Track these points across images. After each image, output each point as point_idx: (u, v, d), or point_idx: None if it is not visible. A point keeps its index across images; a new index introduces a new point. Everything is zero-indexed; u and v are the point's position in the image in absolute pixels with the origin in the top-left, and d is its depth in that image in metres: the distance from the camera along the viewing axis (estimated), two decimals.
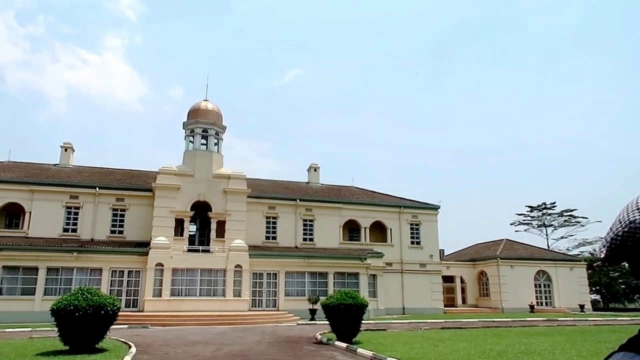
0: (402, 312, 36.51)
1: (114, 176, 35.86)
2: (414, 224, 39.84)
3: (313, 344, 16.62)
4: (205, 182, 32.58)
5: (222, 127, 34.74)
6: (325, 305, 17.18)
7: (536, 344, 15.71)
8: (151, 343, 16.49)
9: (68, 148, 37.15)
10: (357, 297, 16.83)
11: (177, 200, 31.63)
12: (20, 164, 35.65)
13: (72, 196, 32.36)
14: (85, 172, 36.04)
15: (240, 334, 20.22)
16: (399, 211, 39.54)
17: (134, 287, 29.28)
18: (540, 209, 63.95)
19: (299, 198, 37.01)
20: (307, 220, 36.94)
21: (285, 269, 31.93)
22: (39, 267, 27.75)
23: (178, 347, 15.37)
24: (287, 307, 30.79)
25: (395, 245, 38.64)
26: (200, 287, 29.89)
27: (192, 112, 34.68)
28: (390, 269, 37.02)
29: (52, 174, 34.17)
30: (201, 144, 33.88)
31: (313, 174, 42.37)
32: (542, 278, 42.58)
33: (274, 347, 15.75)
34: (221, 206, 32.42)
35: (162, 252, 29.60)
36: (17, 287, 27.44)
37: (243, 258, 30.86)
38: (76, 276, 28.25)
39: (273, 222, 36.03)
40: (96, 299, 13.68)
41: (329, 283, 32.34)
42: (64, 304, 13.34)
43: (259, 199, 35.44)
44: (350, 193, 41.15)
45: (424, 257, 39.19)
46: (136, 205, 33.30)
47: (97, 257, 28.87)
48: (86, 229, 32.17)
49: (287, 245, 35.48)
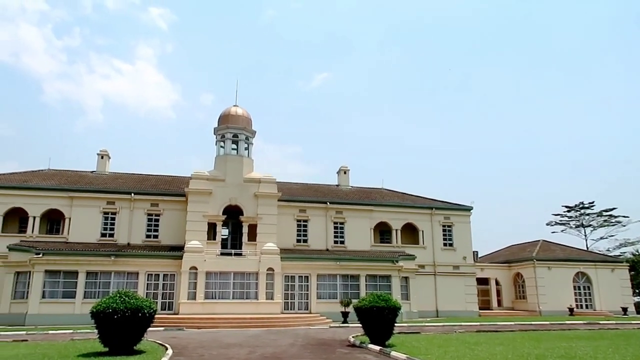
0: (435, 315, 36.00)
1: (148, 182, 36.73)
2: (446, 226, 39.28)
3: (346, 347, 16.57)
4: (237, 187, 32.98)
5: (251, 131, 35.12)
6: (357, 308, 17.10)
7: (577, 348, 15.22)
8: (187, 345, 16.78)
9: (104, 155, 38.27)
10: (390, 300, 16.68)
11: (209, 205, 32.12)
12: (60, 172, 36.92)
13: (109, 202, 33.30)
14: (121, 178, 37.05)
15: (274, 336, 20.35)
16: (430, 213, 39.06)
17: (169, 290, 29.88)
18: (578, 208, 62.06)
19: (329, 201, 37.01)
20: (338, 223, 36.91)
21: (317, 272, 31.98)
22: (78, 271, 28.65)
23: (213, 349, 15.59)
24: (319, 310, 30.83)
25: (427, 248, 38.18)
26: (234, 290, 30.24)
27: (223, 118, 35.20)
28: (422, 272, 36.58)
29: (90, 181, 35.27)
30: (232, 149, 34.34)
31: (343, 177, 42.33)
32: (581, 280, 41.26)
33: (307, 349, 15.77)
34: (252, 210, 32.75)
35: (196, 255, 30.10)
36: (58, 290, 28.39)
37: (275, 261, 31.07)
38: (114, 280, 29.04)
39: (304, 225, 36.16)
40: (133, 302, 14.01)
41: (360, 286, 32.21)
42: (103, 307, 13.72)
43: (290, 202, 35.63)
44: (380, 195, 40.91)
45: (457, 259, 38.57)
46: (170, 210, 33.99)
47: (134, 261, 29.60)
48: (123, 233, 33.04)
49: (318, 248, 35.53)
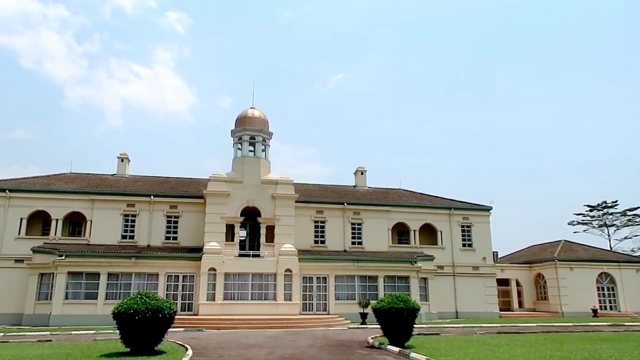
0: (455, 316, 35.66)
1: (167, 184, 37.14)
2: (465, 226, 38.89)
3: (365, 348, 16.51)
4: (254, 188, 33.15)
5: (268, 133, 35.28)
6: (376, 309, 17.02)
7: (601, 351, 14.90)
8: (206, 346, 16.91)
9: (124, 158, 38.84)
10: (409, 301, 16.56)
11: (227, 206, 32.35)
12: (81, 175, 37.60)
13: (129, 204, 33.77)
14: (140, 181, 37.55)
15: (292, 337, 20.38)
16: (449, 213, 38.72)
17: (189, 291, 30.17)
18: (601, 208, 60.86)
19: (347, 202, 36.96)
20: (355, 224, 36.83)
21: (335, 273, 31.95)
22: (100, 273, 29.11)
23: (232, 350, 15.68)
24: (337, 311, 30.80)
25: (446, 248, 37.86)
26: (252, 291, 30.39)
27: (239, 120, 35.43)
28: (441, 272, 36.28)
29: (110, 184, 35.84)
30: (249, 151, 34.54)
31: (360, 177, 42.23)
32: (605, 281, 40.43)
33: (326, 350, 15.76)
34: (270, 211, 32.88)
35: (215, 257, 30.33)
36: (81, 291, 28.88)
37: (293, 262, 31.14)
38: (134, 281, 29.44)
39: (321, 226, 36.18)
40: (154, 302, 14.17)
41: (379, 286, 32.08)
42: (124, 308, 13.90)
43: (307, 203, 35.68)
44: (398, 195, 40.70)
45: (477, 259, 38.15)
46: (189, 211, 34.33)
47: (154, 262, 29.97)
48: (143, 235, 33.47)
49: (335, 249, 35.50)
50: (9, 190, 32.40)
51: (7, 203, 32.20)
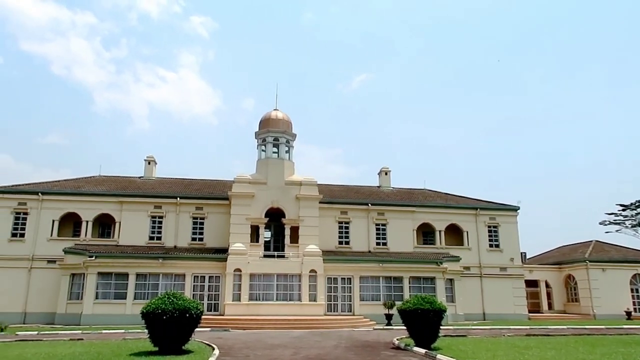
0: (482, 318, 35.11)
1: (193, 186, 37.67)
2: (491, 226, 38.27)
3: (391, 349, 16.40)
4: (278, 189, 33.33)
5: (292, 135, 35.43)
6: (401, 310, 16.90)
7: (636, 354, 14.45)
8: (232, 345, 17.06)
9: (151, 161, 39.56)
10: (435, 302, 16.39)
11: (251, 208, 32.60)
12: (110, 178, 38.45)
13: (156, 206, 34.38)
14: (167, 183, 38.17)
15: (318, 338, 20.39)
16: (475, 213, 38.16)
17: (215, 291, 30.51)
18: (634, 207, 58.96)
19: (371, 202, 36.81)
20: (380, 225, 36.64)
21: (360, 274, 31.85)
22: (129, 273, 29.70)
23: (258, 350, 15.78)
24: (362, 312, 30.69)
25: (472, 249, 37.31)
26: (277, 291, 30.54)
27: (263, 122, 35.68)
28: (468, 273, 35.79)
29: (138, 186, 36.54)
30: (273, 152, 34.74)
31: (384, 178, 42.01)
32: (639, 282, 39.19)
33: (351, 351, 15.71)
34: (294, 212, 32.99)
35: (240, 258, 30.59)
36: (110, 291, 29.52)
37: (317, 263, 31.17)
38: (162, 281, 29.94)
39: (345, 227, 36.12)
40: (181, 302, 14.39)
41: (404, 288, 31.83)
42: (152, 308, 14.15)
43: (331, 204, 35.68)
44: (422, 196, 40.32)
45: (504, 260, 37.49)
46: (214, 213, 34.74)
47: (180, 263, 30.42)
48: (169, 236, 34.01)
49: (360, 250, 35.38)
50: (42, 193, 33.36)
51: (40, 205, 33.16)
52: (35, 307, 31.01)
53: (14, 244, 32.27)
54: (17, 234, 32.59)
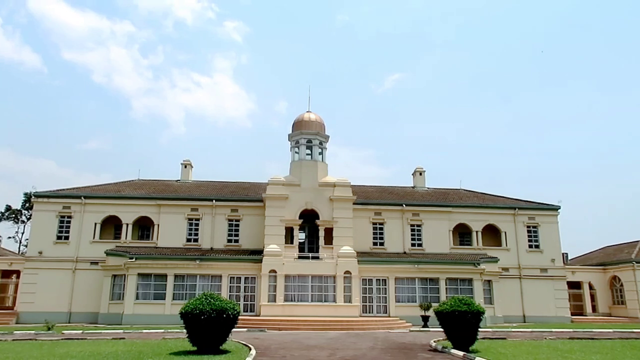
0: (522, 321, 34.17)
1: (228, 189, 38.23)
2: (531, 226, 37.19)
3: (428, 352, 16.17)
4: (312, 191, 33.43)
5: (325, 136, 35.47)
6: (438, 312, 16.65)
7: None
8: (269, 346, 17.20)
9: (187, 165, 40.41)
10: (472, 304, 16.06)
11: (286, 209, 32.82)
12: (148, 182, 39.48)
13: (193, 209, 35.06)
14: (203, 186, 38.89)
15: (353, 339, 20.31)
16: (513, 213, 37.19)
17: (250, 292, 30.86)
18: None
19: (405, 203, 36.43)
20: (415, 225, 36.21)
21: (395, 275, 31.56)
22: (167, 274, 30.40)
23: (294, 351, 15.85)
24: (398, 314, 30.39)
25: (511, 250, 36.37)
26: (312, 292, 30.62)
27: (296, 124, 35.88)
28: (506, 275, 34.92)
29: (175, 189, 37.38)
30: (306, 154, 34.87)
31: (418, 178, 41.51)
32: None
33: (387, 353, 15.58)
34: (328, 214, 33.02)
35: (275, 259, 30.83)
36: (150, 292, 30.29)
37: (352, 264, 31.08)
38: (199, 282, 30.50)
39: (380, 228, 35.87)
40: (218, 303, 14.60)
41: (440, 289, 31.36)
42: (190, 308, 14.41)
43: (365, 205, 35.52)
44: (458, 196, 39.62)
45: (545, 261, 36.37)
46: (249, 215, 35.15)
47: (217, 264, 30.92)
48: (206, 238, 34.62)
49: (395, 251, 35.06)
50: (84, 197, 34.57)
51: (83, 209, 34.37)
52: (80, 307, 32.14)
53: (59, 246, 33.55)
54: (61, 236, 33.87)
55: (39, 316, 29.80)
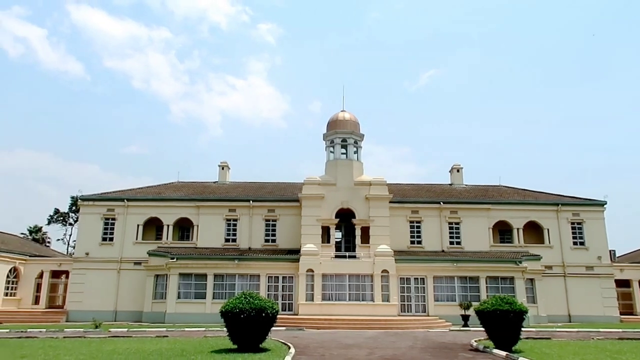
0: (567, 320, 33.06)
1: (264, 189, 38.67)
2: (575, 223, 35.90)
3: (468, 351, 15.87)
4: (348, 190, 33.40)
5: (359, 135, 35.36)
6: (479, 311, 16.30)
7: None
8: (307, 345, 17.29)
9: (224, 166, 41.12)
10: (515, 303, 15.65)
11: (322, 209, 32.91)
12: (187, 184, 40.40)
13: (231, 209, 35.64)
14: (240, 187, 39.47)
15: (392, 338, 20.17)
16: (556, 209, 35.99)
17: (288, 291, 31.12)
18: None
19: (443, 201, 35.87)
20: (453, 223, 35.60)
21: (433, 274, 31.15)
22: (207, 274, 31.03)
23: (333, 350, 15.88)
24: (437, 313, 29.98)
25: (554, 247, 35.23)
26: (349, 291, 30.60)
27: (331, 124, 35.91)
28: (550, 273, 33.86)
29: (213, 191, 38.09)
30: (341, 153, 34.85)
31: (456, 175, 40.78)
32: None
33: (427, 352, 15.39)
34: (364, 212, 32.90)
35: (312, 258, 30.97)
36: (191, 291, 31.01)
37: (389, 263, 30.87)
38: (238, 282, 30.99)
39: (417, 227, 35.45)
40: (257, 302, 14.78)
41: (480, 288, 30.75)
42: (230, 307, 14.64)
43: (402, 203, 35.20)
44: (498, 192, 38.70)
45: (590, 259, 35.05)
46: (285, 215, 35.42)
47: (255, 264, 31.34)
48: (244, 238, 35.12)
49: (433, 250, 34.59)
50: (127, 200, 35.72)
51: (126, 211, 35.51)
52: (125, 305, 33.24)
53: (105, 247, 34.79)
54: (106, 238, 35.10)
55: (87, 315, 31.00)
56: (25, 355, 13.49)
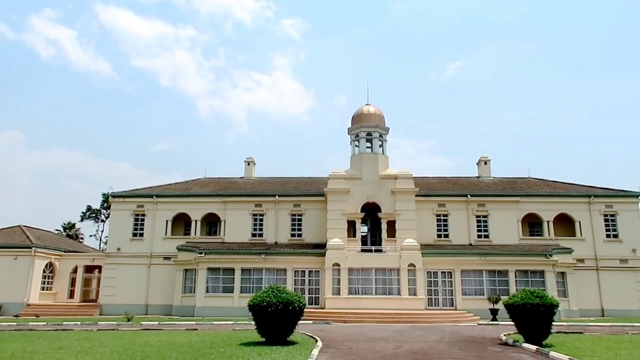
0: (600, 315, 32.24)
1: (290, 184, 38.85)
2: (608, 215, 34.89)
3: (497, 345, 15.69)
4: (373, 184, 33.28)
5: (385, 128, 35.14)
6: (508, 305, 16.07)
7: None
8: (334, 338, 17.38)
9: (250, 162, 41.48)
10: (545, 297, 15.38)
11: (347, 203, 32.90)
12: (214, 180, 40.92)
13: (257, 204, 35.97)
14: (266, 182, 39.77)
15: (419, 332, 20.09)
16: (588, 201, 35.06)
17: (315, 285, 31.27)
18: None
19: (470, 193, 35.37)
20: (481, 216, 35.08)
21: (461, 268, 30.82)
22: (235, 268, 31.45)
23: (360, 343, 15.92)
24: (465, 307, 29.67)
25: (586, 240, 34.34)
26: (376, 285, 30.54)
27: (355, 118, 35.78)
28: (582, 266, 33.06)
29: (239, 186, 38.50)
30: (366, 147, 34.70)
31: (483, 167, 40.13)
32: None
33: (455, 346, 15.28)
34: (390, 206, 32.74)
35: (338, 252, 31.02)
36: (219, 285, 31.50)
37: (416, 257, 30.67)
38: (265, 276, 31.30)
39: (444, 220, 35.08)
40: (284, 296, 14.96)
41: (510, 282, 30.26)
42: (258, 301, 14.86)
43: (428, 197, 34.86)
44: (527, 185, 37.92)
45: (625, 252, 34.05)
46: (311, 209, 35.53)
47: (281, 258, 31.58)
48: (270, 233, 35.42)
49: (460, 243, 34.17)
50: (156, 196, 36.42)
51: (155, 207, 36.23)
52: (155, 299, 33.99)
53: (135, 242, 35.60)
54: (137, 233, 35.91)
55: (119, 308, 31.84)
56: (62, 347, 13.98)
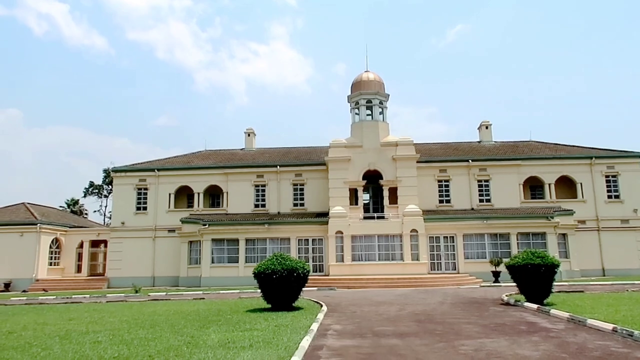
0: (601, 274, 32.68)
1: (291, 154, 38.82)
2: (610, 176, 34.93)
3: (499, 305, 15.97)
4: (374, 151, 33.23)
5: (385, 95, 34.84)
6: (510, 266, 16.26)
7: None
8: (339, 303, 17.69)
9: (250, 133, 41.34)
10: (547, 257, 15.54)
11: (349, 171, 32.94)
12: (215, 152, 40.89)
13: (259, 175, 36.05)
14: (267, 153, 39.73)
15: (422, 295, 20.42)
16: (590, 163, 35.03)
17: (319, 253, 31.64)
18: None
19: (471, 158, 35.34)
20: (482, 181, 35.14)
21: (463, 232, 31.08)
22: (239, 239, 31.78)
23: (364, 307, 16.21)
24: (467, 270, 30.08)
25: (587, 201, 34.48)
26: (379, 252, 30.88)
27: (355, 85, 35.44)
28: (583, 227, 33.29)
29: (240, 158, 38.50)
30: (366, 115, 34.49)
31: (485, 132, 39.96)
32: None
33: (457, 307, 15.56)
34: (391, 173, 32.78)
35: (340, 220, 31.25)
36: (224, 256, 31.90)
37: (418, 223, 30.89)
38: (269, 245, 31.65)
39: (445, 185, 35.18)
40: (288, 263, 15.16)
41: (511, 244, 30.57)
42: (263, 269, 15.07)
43: (429, 162, 34.85)
44: (529, 148, 37.82)
45: (626, 212, 34.23)
46: (313, 179, 35.63)
47: (285, 228, 31.86)
48: (272, 203, 35.62)
49: (462, 208, 34.35)
50: (158, 170, 36.49)
51: (157, 181, 36.35)
52: (162, 271, 34.49)
53: (139, 216, 35.88)
54: (140, 207, 36.16)
55: (127, 281, 32.36)
56: (73, 318, 14.27)
